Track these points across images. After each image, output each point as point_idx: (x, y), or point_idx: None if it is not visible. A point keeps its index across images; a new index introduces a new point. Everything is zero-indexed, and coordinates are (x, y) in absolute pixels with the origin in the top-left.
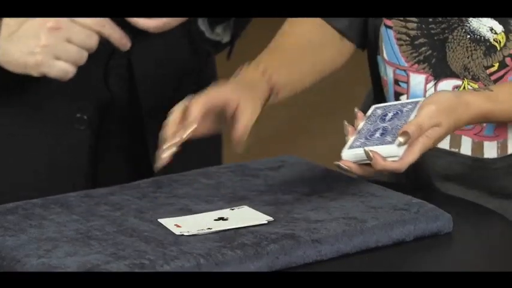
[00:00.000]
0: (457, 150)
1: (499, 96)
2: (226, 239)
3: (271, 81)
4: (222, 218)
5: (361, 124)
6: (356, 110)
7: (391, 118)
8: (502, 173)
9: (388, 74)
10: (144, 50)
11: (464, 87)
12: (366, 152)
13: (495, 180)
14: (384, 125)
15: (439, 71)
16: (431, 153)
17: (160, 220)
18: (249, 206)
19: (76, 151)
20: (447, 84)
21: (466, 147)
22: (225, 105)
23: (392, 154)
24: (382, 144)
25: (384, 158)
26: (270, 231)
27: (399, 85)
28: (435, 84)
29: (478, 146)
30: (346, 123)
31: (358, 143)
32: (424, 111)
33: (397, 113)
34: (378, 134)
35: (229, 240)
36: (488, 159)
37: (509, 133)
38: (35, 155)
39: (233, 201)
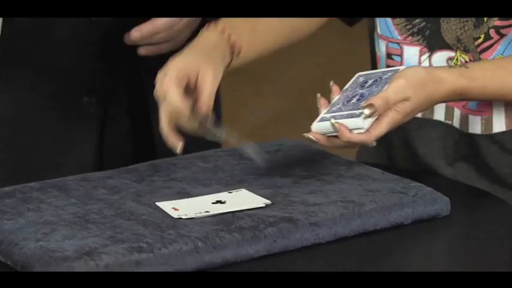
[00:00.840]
0: (450, 122)
1: (474, 73)
2: (224, 222)
3: (231, 40)
4: (219, 201)
5: (335, 97)
6: (331, 83)
7: (370, 85)
8: (488, 153)
9: (381, 48)
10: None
11: (457, 59)
12: (333, 124)
13: (482, 159)
14: (362, 91)
15: (433, 42)
16: (429, 123)
17: (158, 203)
18: (247, 190)
19: (84, 134)
20: (441, 56)
21: (457, 120)
22: (187, 78)
23: (358, 126)
24: (354, 110)
25: (350, 130)
26: (267, 214)
27: (392, 59)
28: (429, 56)
29: (464, 119)
30: (319, 95)
31: (327, 116)
32: (392, 85)
33: (376, 80)
34: (354, 100)
35: (227, 224)
36: (473, 134)
37: (495, 110)
38: (42, 140)
39: (230, 184)
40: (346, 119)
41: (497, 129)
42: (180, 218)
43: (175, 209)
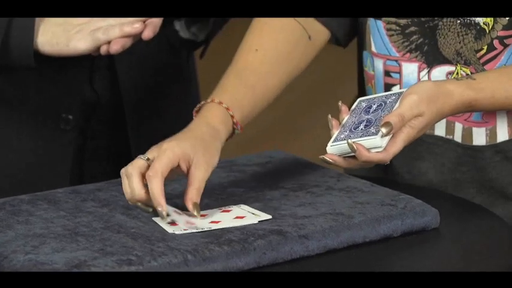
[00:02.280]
0: (451, 137)
1: (482, 84)
2: (214, 235)
3: (235, 119)
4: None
5: (345, 118)
6: (340, 103)
7: (375, 110)
8: (491, 162)
9: (377, 66)
10: (125, 49)
11: (457, 73)
12: (350, 145)
13: (484, 171)
14: (368, 117)
15: (432, 58)
16: (430, 140)
17: (154, 219)
18: (237, 202)
19: (62, 151)
20: (440, 71)
21: (458, 134)
22: (179, 163)
23: (376, 145)
24: (366, 136)
25: (368, 150)
26: (257, 227)
27: (391, 76)
28: (428, 72)
29: (467, 133)
30: (330, 117)
31: (342, 136)
32: (405, 101)
33: (381, 104)
34: (362, 126)
35: (217, 237)
36: (477, 146)
37: (498, 120)
38: (20, 155)
39: (220, 197)
40: (363, 138)
41: (501, 138)
42: (174, 233)
43: (173, 225)
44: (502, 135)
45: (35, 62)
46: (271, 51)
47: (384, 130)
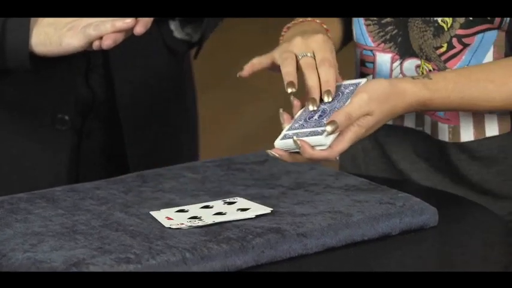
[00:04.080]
0: (421, 128)
1: (438, 84)
2: (212, 233)
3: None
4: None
5: (298, 113)
6: (292, 98)
7: (332, 100)
8: (457, 160)
9: (356, 55)
10: (121, 49)
11: (422, 67)
12: (295, 142)
13: (452, 165)
14: (324, 107)
15: (404, 50)
16: (401, 130)
17: (152, 213)
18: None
19: (58, 151)
20: (411, 63)
21: (427, 126)
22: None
23: (320, 143)
24: (317, 127)
25: (312, 147)
26: (255, 225)
27: (365, 66)
28: (401, 64)
29: (434, 126)
30: (281, 111)
31: (290, 133)
32: (355, 100)
33: (338, 94)
34: (316, 116)
35: (215, 234)
36: (442, 141)
37: (462, 120)
38: (16, 155)
39: (218, 195)
40: (309, 136)
41: (465, 138)
42: (171, 228)
43: (169, 219)
44: (466, 136)
45: (30, 63)
46: None
47: (328, 129)
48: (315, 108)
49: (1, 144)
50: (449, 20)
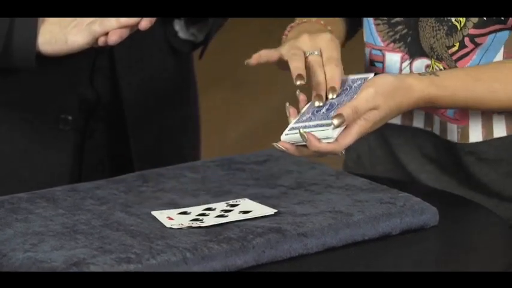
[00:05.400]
0: (430, 129)
1: (445, 82)
2: (213, 233)
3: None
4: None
5: (305, 107)
6: (298, 92)
7: (340, 94)
8: (466, 161)
9: (366, 55)
10: (126, 50)
11: (432, 67)
12: (302, 134)
13: (461, 166)
14: (332, 100)
15: (414, 50)
16: (409, 131)
17: (153, 212)
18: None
19: (61, 151)
20: (421, 63)
21: (436, 127)
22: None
23: (327, 136)
24: (324, 120)
25: (319, 140)
26: (256, 225)
27: (374, 65)
28: (410, 63)
29: (443, 127)
30: (287, 105)
31: (296, 126)
32: (362, 94)
33: (346, 89)
34: (324, 110)
35: (216, 234)
36: (451, 142)
37: (471, 120)
38: (19, 155)
39: (219, 195)
40: (316, 128)
41: (474, 139)
42: (172, 228)
43: (170, 219)
44: (475, 136)
45: (36, 63)
46: None
47: (335, 122)
48: (321, 105)
49: (4, 144)
50: (462, 19)
